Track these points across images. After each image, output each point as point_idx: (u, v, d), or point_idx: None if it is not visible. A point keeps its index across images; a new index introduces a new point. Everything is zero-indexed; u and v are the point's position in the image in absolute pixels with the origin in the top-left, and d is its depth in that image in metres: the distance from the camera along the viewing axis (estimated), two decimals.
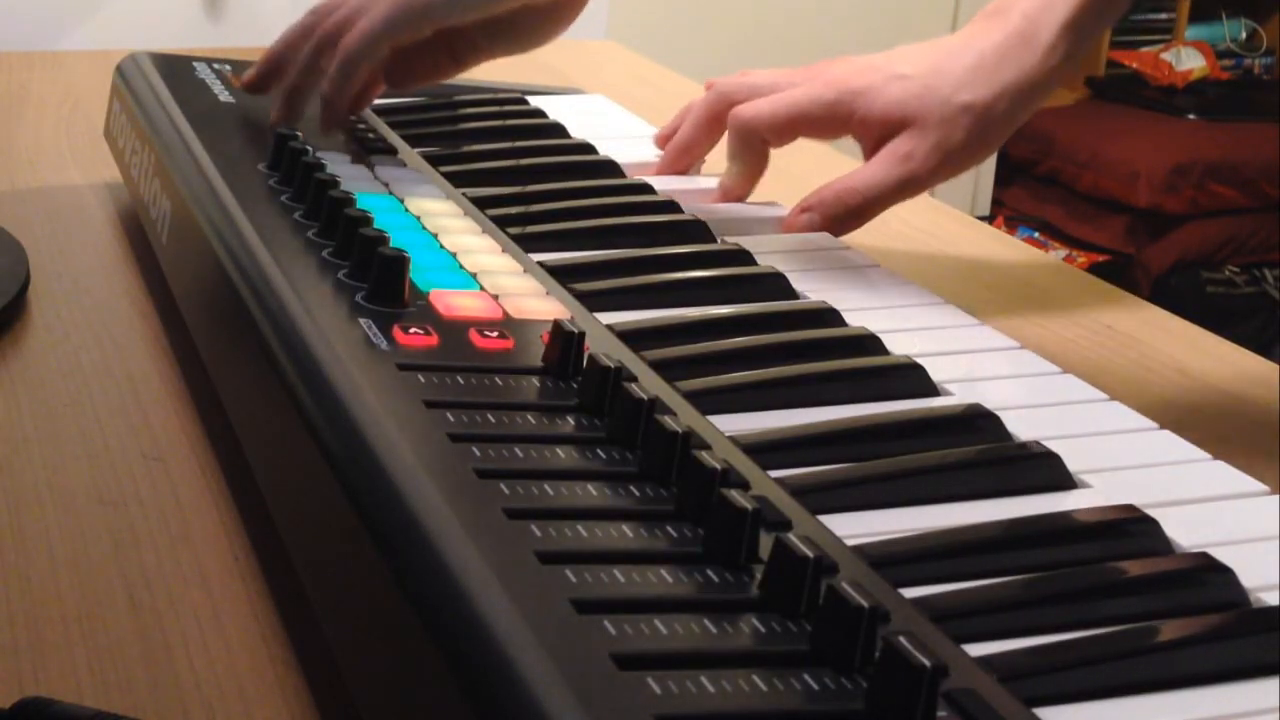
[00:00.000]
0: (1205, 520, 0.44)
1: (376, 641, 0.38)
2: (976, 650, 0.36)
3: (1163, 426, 0.51)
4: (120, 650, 0.44)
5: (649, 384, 0.48)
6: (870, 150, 0.73)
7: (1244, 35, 3.51)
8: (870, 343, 0.55)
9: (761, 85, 0.75)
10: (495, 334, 0.50)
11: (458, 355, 0.48)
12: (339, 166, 0.67)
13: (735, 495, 0.37)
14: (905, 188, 0.71)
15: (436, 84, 0.80)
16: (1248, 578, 0.40)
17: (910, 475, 0.45)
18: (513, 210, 0.67)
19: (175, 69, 0.81)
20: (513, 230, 0.64)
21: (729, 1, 2.79)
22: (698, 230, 0.67)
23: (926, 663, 0.31)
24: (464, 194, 0.68)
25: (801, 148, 0.97)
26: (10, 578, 0.47)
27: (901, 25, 2.95)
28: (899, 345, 0.55)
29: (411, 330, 0.49)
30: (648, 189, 0.72)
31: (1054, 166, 3.11)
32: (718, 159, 0.83)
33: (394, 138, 0.75)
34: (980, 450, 0.47)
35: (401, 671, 0.36)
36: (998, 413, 0.49)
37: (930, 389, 0.52)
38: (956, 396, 0.52)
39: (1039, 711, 0.34)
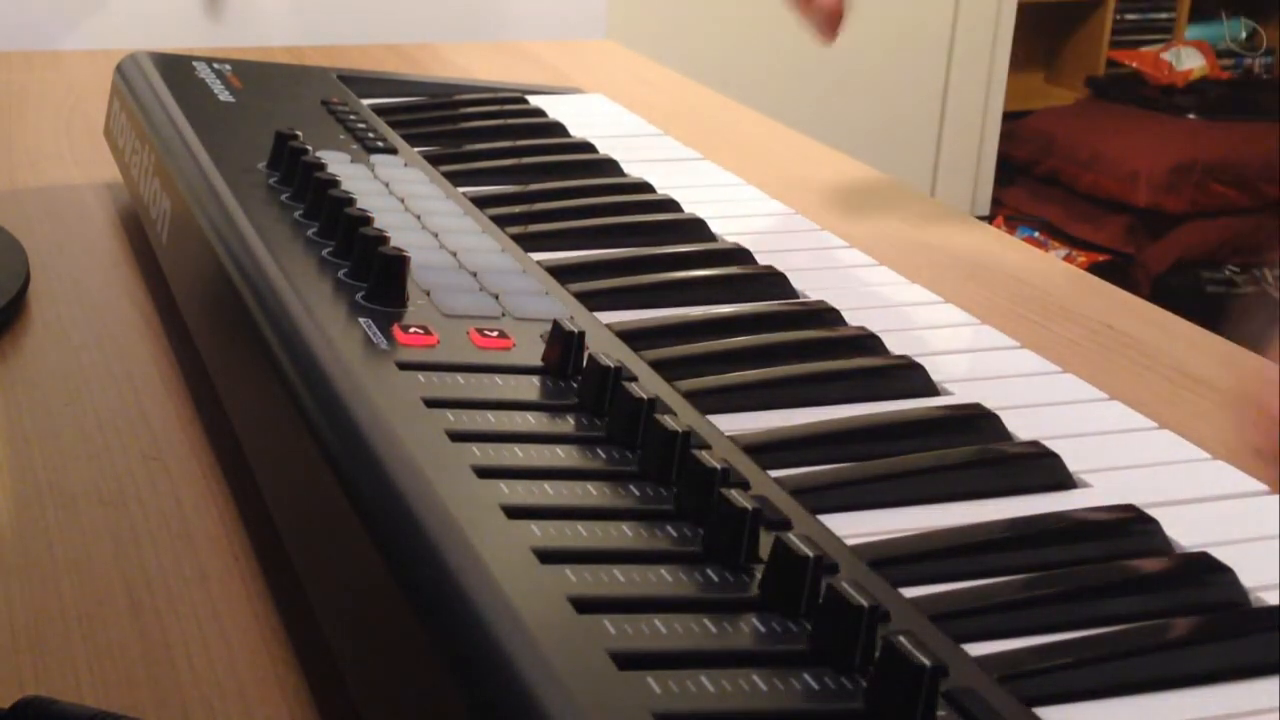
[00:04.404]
0: (1205, 520, 0.44)
1: (376, 641, 0.38)
2: (976, 650, 0.36)
3: (1163, 426, 0.51)
4: (120, 650, 0.44)
5: (649, 384, 0.48)
6: None
7: (1244, 35, 3.51)
8: (870, 343, 0.55)
9: None
10: (495, 334, 0.50)
11: (458, 355, 0.48)
12: (339, 166, 0.67)
13: (735, 495, 0.37)
14: None
15: None
16: (1248, 578, 0.40)
17: (910, 475, 0.45)
18: (513, 210, 0.67)
19: (175, 69, 0.81)
20: (513, 230, 0.64)
21: (729, 1, 2.79)
22: (697, 229, 0.67)
23: (926, 663, 0.31)
24: (464, 194, 0.68)
25: (786, 140, 0.97)
26: (10, 578, 0.47)
27: (900, 25, 2.95)
28: (899, 345, 0.55)
29: (411, 330, 0.49)
30: (648, 188, 0.72)
31: (1054, 166, 3.11)
32: (717, 155, 0.83)
33: (394, 137, 0.75)
34: (980, 450, 0.47)
35: (401, 671, 0.36)
36: (998, 413, 0.49)
37: (930, 389, 0.52)
38: (956, 396, 0.52)
39: (1039, 711, 0.34)
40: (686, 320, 0.56)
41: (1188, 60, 3.31)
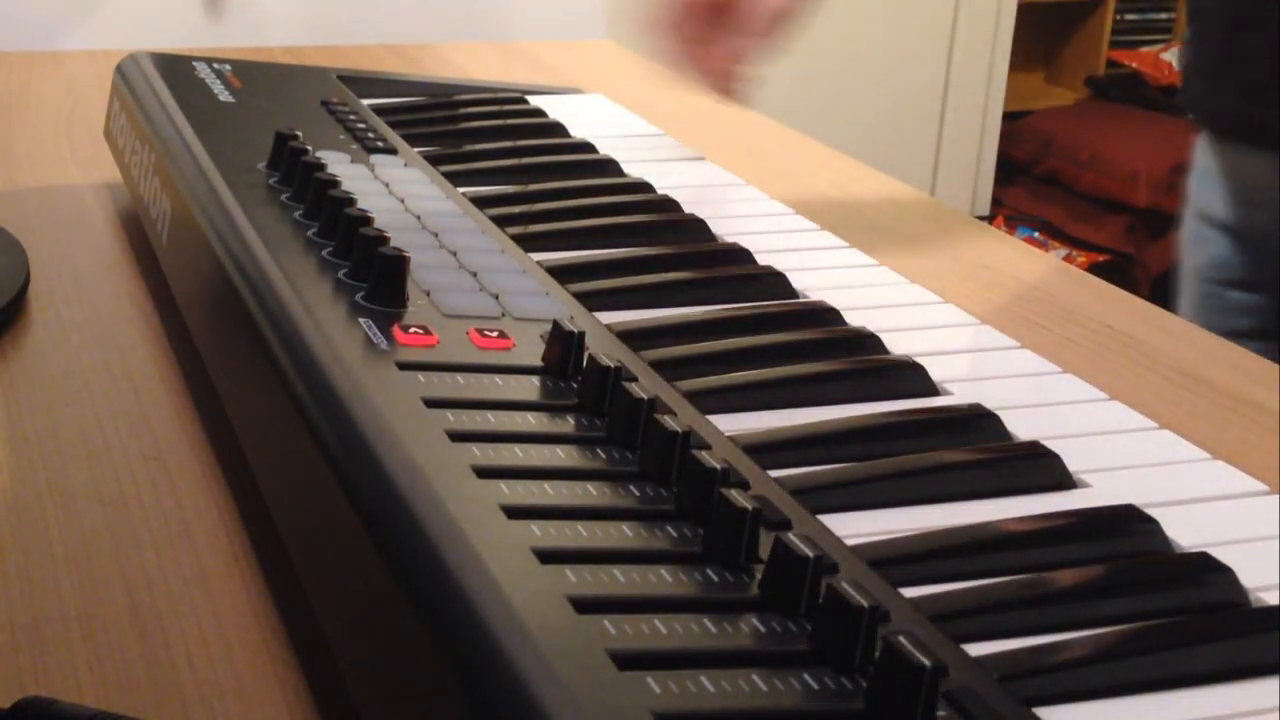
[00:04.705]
0: (1205, 520, 0.44)
1: (376, 641, 0.38)
2: (976, 650, 0.36)
3: (1163, 426, 0.51)
4: (120, 650, 0.44)
5: (649, 384, 0.48)
6: None
7: None
8: (870, 343, 0.55)
9: None
10: (495, 334, 0.50)
11: (458, 355, 0.48)
12: (339, 166, 0.67)
13: (735, 495, 0.37)
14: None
15: None
16: (1248, 578, 0.40)
17: (910, 475, 0.45)
18: (513, 210, 0.67)
19: (175, 69, 0.81)
20: (513, 230, 0.64)
21: None
22: (697, 229, 0.67)
23: (926, 663, 0.31)
24: (464, 194, 0.68)
25: (786, 140, 0.97)
26: (10, 578, 0.47)
27: (900, 25, 2.95)
28: (899, 345, 0.55)
29: (411, 330, 0.49)
30: (648, 188, 0.72)
31: (1054, 166, 3.11)
32: (705, 145, 0.83)
33: (394, 138, 0.75)
34: (980, 450, 0.47)
35: (401, 671, 0.36)
36: (998, 413, 0.49)
37: (930, 389, 0.52)
38: (956, 396, 0.52)
39: (1039, 711, 0.34)
40: (686, 320, 0.56)
41: None
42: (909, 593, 0.39)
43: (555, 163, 0.76)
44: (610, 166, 0.76)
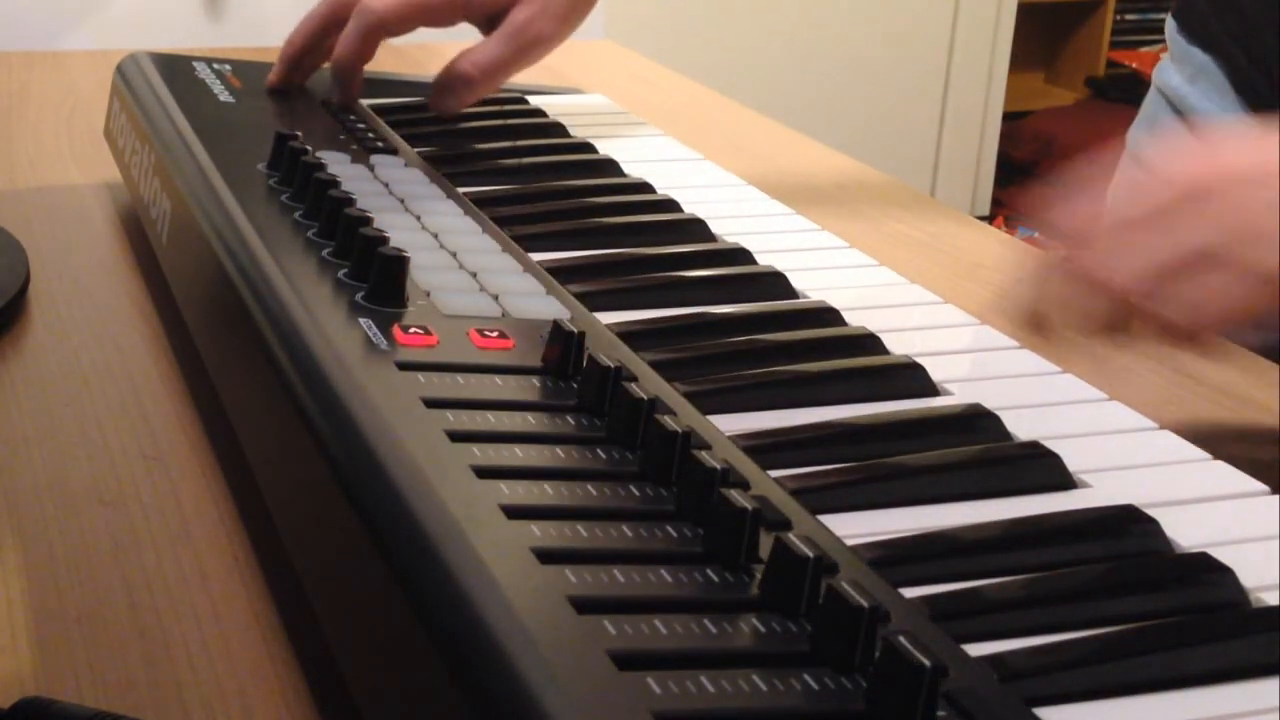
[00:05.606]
0: (1205, 520, 0.44)
1: (376, 641, 0.38)
2: (976, 650, 0.36)
3: (1163, 426, 0.51)
4: (120, 650, 0.44)
5: (649, 384, 0.48)
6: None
7: None
8: (870, 343, 0.55)
9: None
10: (495, 334, 0.50)
11: (458, 355, 0.48)
12: (339, 166, 0.67)
13: (735, 495, 0.37)
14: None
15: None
16: (1248, 578, 0.40)
17: (910, 475, 0.45)
18: (513, 210, 0.67)
19: (175, 69, 0.81)
20: (513, 230, 0.64)
21: (727, 1, 2.79)
22: (697, 229, 0.67)
23: (926, 663, 0.31)
24: (464, 194, 0.68)
25: (786, 141, 0.97)
26: (10, 578, 0.47)
27: (900, 25, 2.95)
28: (899, 345, 0.55)
29: (411, 330, 0.49)
30: (648, 188, 0.72)
31: (1054, 166, 3.11)
32: (696, 142, 0.83)
33: (394, 138, 0.75)
34: (980, 450, 0.47)
35: (401, 671, 0.36)
36: (998, 413, 0.49)
37: (930, 389, 0.52)
38: (956, 396, 0.52)
39: (1039, 711, 0.34)
40: (686, 320, 0.56)
41: None
42: (909, 593, 0.39)
43: (555, 163, 0.76)
44: (610, 166, 0.76)
